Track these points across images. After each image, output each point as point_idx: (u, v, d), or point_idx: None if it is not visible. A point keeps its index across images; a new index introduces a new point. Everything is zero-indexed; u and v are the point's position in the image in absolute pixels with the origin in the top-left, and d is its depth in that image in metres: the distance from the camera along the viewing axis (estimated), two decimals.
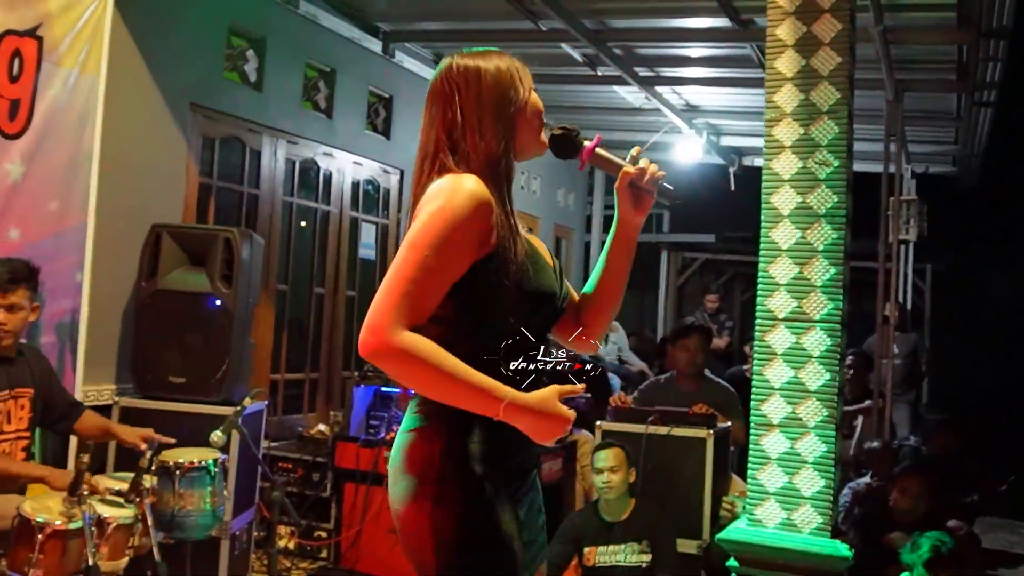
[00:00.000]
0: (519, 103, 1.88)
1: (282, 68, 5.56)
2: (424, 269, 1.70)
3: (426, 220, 1.73)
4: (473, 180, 1.77)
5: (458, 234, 1.72)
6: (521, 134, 1.90)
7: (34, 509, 2.90)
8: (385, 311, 1.67)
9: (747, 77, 6.38)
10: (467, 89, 1.86)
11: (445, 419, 1.77)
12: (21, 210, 3.84)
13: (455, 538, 1.73)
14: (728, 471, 4.52)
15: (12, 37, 3.74)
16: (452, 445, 1.76)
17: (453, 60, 1.91)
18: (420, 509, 1.75)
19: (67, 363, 4.12)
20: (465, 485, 1.75)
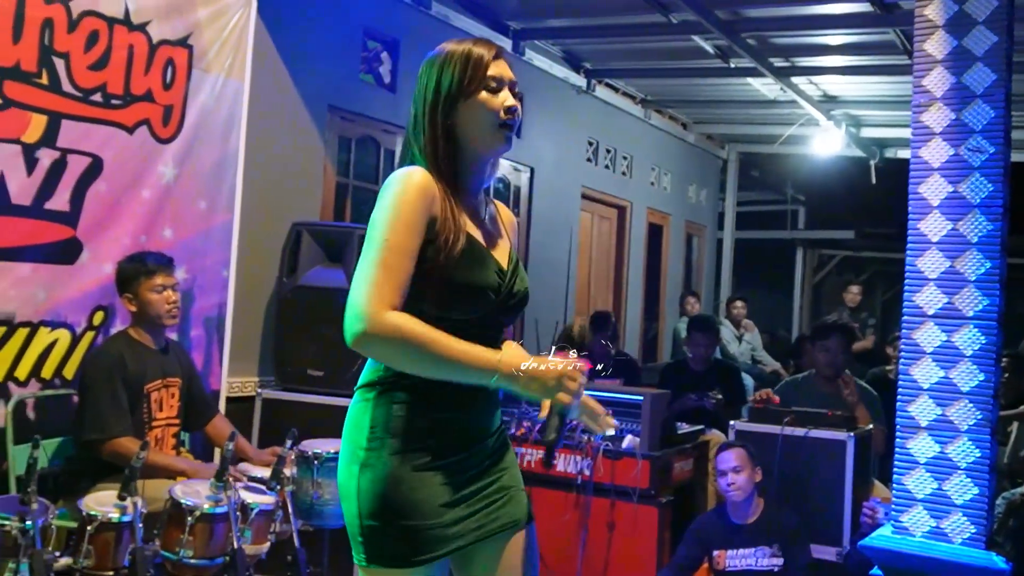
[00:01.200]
0: (454, 110, 1.88)
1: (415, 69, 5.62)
2: (388, 250, 1.74)
3: (378, 210, 1.79)
4: (419, 171, 1.83)
5: (407, 214, 1.77)
6: (465, 128, 1.89)
7: (185, 493, 3.04)
8: (366, 297, 1.71)
9: (890, 64, 6.12)
10: (418, 83, 1.94)
11: (374, 390, 1.85)
12: (173, 210, 4.04)
13: (372, 503, 1.80)
14: (870, 475, 4.34)
15: (166, 47, 3.94)
16: (379, 415, 1.83)
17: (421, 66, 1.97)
18: (349, 475, 1.84)
19: (214, 356, 4.31)
20: (388, 453, 1.81)
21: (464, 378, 1.78)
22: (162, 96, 3.94)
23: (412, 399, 1.83)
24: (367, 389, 1.87)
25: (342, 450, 1.89)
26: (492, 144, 1.92)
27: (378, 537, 1.81)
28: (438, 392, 1.82)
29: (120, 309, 3.78)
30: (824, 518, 4.01)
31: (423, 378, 1.80)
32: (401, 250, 1.75)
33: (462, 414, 1.88)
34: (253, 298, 4.61)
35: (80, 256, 3.67)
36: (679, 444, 4.53)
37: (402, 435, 1.82)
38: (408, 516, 1.81)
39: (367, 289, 1.71)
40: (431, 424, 1.84)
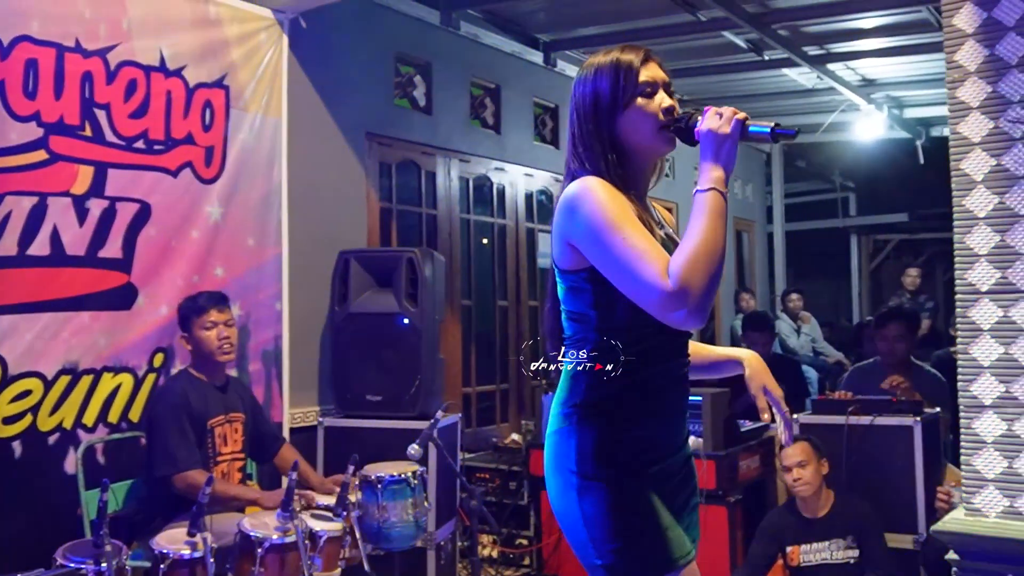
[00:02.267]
0: (614, 120, 1.89)
1: (449, 90, 5.72)
2: (629, 235, 1.75)
3: (591, 217, 1.78)
4: (593, 178, 1.84)
5: (617, 205, 1.79)
6: (628, 136, 1.90)
7: (253, 525, 3.09)
8: (646, 282, 1.71)
9: (926, 42, 6.00)
10: (574, 100, 1.94)
11: (585, 416, 1.85)
12: (223, 248, 4.13)
13: (609, 528, 1.80)
14: (941, 459, 4.25)
15: (203, 89, 4.04)
16: (595, 440, 1.83)
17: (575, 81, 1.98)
18: (568, 503, 1.84)
19: (274, 389, 4.38)
20: (611, 476, 1.82)
21: (723, 220, 1.79)
22: (202, 138, 4.03)
23: (615, 417, 1.85)
24: (567, 414, 1.88)
25: (554, 481, 1.90)
26: (656, 147, 1.93)
27: (623, 556, 1.81)
28: (639, 407, 1.85)
29: (180, 349, 3.87)
30: (897, 506, 3.93)
31: (623, 396, 1.83)
32: (636, 228, 1.77)
33: (662, 426, 1.90)
34: (307, 329, 4.68)
35: (136, 301, 3.77)
36: (743, 442, 4.49)
37: (607, 458, 1.83)
38: (645, 528, 1.82)
39: (641, 278, 1.72)
40: (636, 439, 1.85)
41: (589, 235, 1.77)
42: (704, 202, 1.78)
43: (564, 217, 1.83)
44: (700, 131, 1.83)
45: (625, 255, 1.73)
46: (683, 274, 1.68)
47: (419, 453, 3.51)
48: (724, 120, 1.81)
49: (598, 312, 1.84)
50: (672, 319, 1.72)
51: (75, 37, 3.57)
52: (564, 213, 1.83)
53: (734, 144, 1.81)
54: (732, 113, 1.81)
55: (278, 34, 4.42)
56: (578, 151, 1.91)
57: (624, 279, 1.74)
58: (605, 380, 1.83)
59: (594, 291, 1.83)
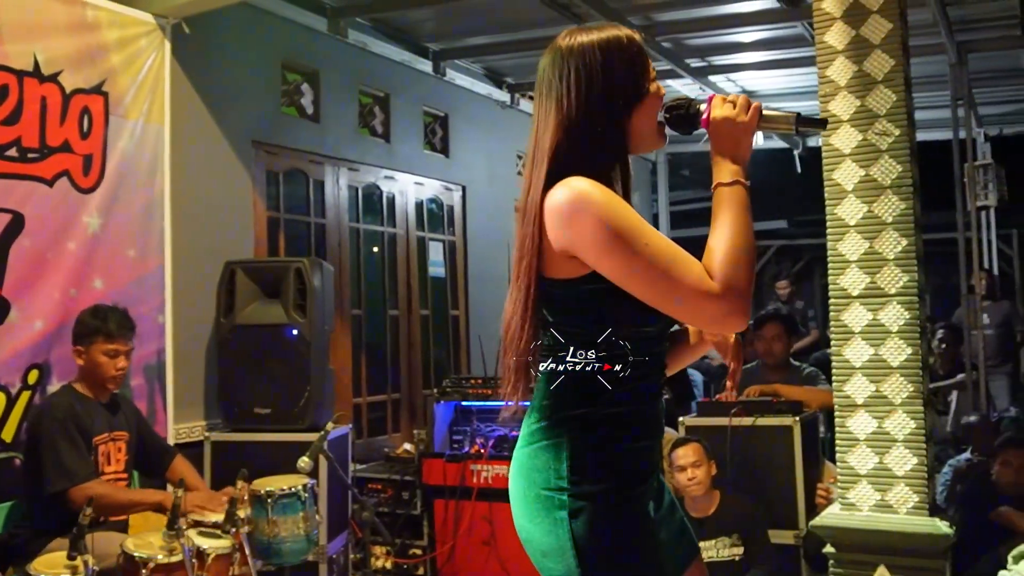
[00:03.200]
0: (631, 107, 1.71)
1: (337, 98, 5.67)
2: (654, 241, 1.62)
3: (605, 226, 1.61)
4: (580, 180, 1.65)
5: (625, 209, 1.64)
6: (637, 127, 1.74)
7: (136, 546, 2.99)
8: (691, 289, 1.59)
9: (802, 56, 6.26)
10: (581, 73, 1.70)
11: (563, 427, 1.71)
12: (103, 260, 3.99)
13: (601, 551, 1.65)
14: (819, 457, 4.43)
15: (80, 95, 3.90)
16: (575, 452, 1.68)
17: (564, 42, 1.75)
18: (555, 523, 1.66)
19: (157, 404, 4.25)
20: (597, 492, 1.67)
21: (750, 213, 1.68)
22: (80, 146, 3.89)
23: (610, 430, 1.70)
24: (554, 426, 1.71)
25: (528, 501, 1.71)
26: (656, 139, 1.79)
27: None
28: (630, 418, 1.72)
29: (56, 366, 3.72)
30: (779, 504, 4.07)
31: (616, 406, 1.70)
32: (655, 232, 1.63)
33: (650, 438, 1.78)
34: (192, 342, 4.56)
35: (8, 315, 3.60)
36: None
37: (609, 468, 1.68)
38: (641, 551, 1.69)
39: (677, 284, 1.59)
40: (630, 452, 1.72)
41: (603, 243, 1.60)
42: (730, 197, 1.67)
43: (560, 225, 1.64)
44: (712, 120, 1.72)
45: (657, 261, 1.59)
46: (727, 274, 1.59)
47: (309, 466, 3.46)
48: (740, 108, 1.71)
49: (591, 322, 1.69)
50: (717, 322, 1.63)
51: None
52: (560, 220, 1.64)
53: (752, 133, 1.72)
54: (746, 100, 1.72)
55: (160, 39, 4.30)
56: (567, 143, 1.70)
57: (656, 286, 1.60)
58: (598, 390, 1.69)
59: (589, 301, 1.68)
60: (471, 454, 4.67)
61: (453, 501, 4.76)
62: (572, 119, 1.69)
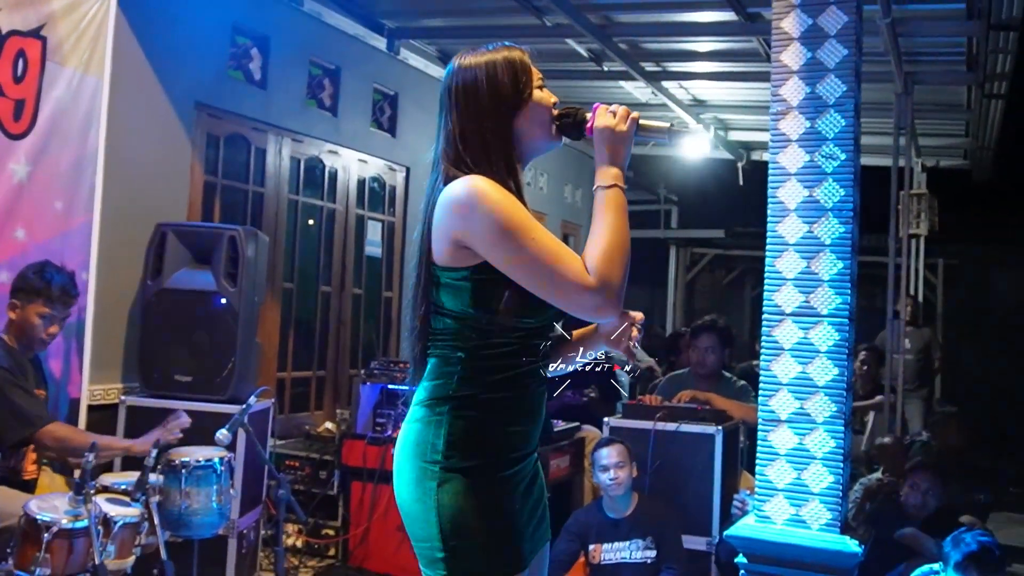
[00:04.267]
0: (516, 112, 1.89)
1: (286, 66, 5.55)
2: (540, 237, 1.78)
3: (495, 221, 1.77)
4: (479, 179, 1.82)
5: (514, 205, 1.80)
6: (525, 129, 1.91)
7: (40, 508, 2.89)
8: (569, 282, 1.76)
9: (754, 71, 6.34)
10: (461, 92, 1.90)
11: (445, 406, 1.84)
12: (27, 210, 3.84)
13: (459, 520, 1.79)
14: (738, 467, 4.50)
15: (16, 37, 3.74)
16: (465, 431, 1.83)
17: (457, 62, 1.94)
18: (423, 493, 1.81)
19: (73, 363, 4.11)
20: (466, 467, 1.81)
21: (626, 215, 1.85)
22: (12, 89, 3.74)
23: (485, 413, 1.84)
24: (435, 404, 1.85)
25: (406, 472, 1.86)
26: (548, 141, 1.95)
27: (468, 552, 1.79)
28: (509, 404, 1.86)
29: None
30: (695, 510, 4.14)
31: (494, 391, 1.84)
32: (542, 228, 1.79)
33: (527, 424, 1.90)
34: (116, 302, 4.43)
35: None
36: (556, 442, 4.59)
37: (479, 448, 1.83)
38: (498, 526, 1.82)
39: (559, 277, 1.76)
40: (505, 435, 1.86)
41: (494, 236, 1.76)
42: (609, 199, 1.84)
43: (455, 217, 1.79)
44: (595, 128, 1.89)
45: (541, 255, 1.76)
46: (602, 269, 1.76)
47: (228, 439, 3.39)
48: (619, 118, 1.88)
49: (477, 311, 1.82)
50: (591, 313, 1.79)
51: None
52: (454, 210, 1.79)
53: (631, 141, 1.89)
54: (626, 112, 1.88)
55: None
56: (460, 144, 1.87)
57: (540, 279, 1.77)
58: (480, 375, 1.84)
59: (474, 290, 1.81)
60: (393, 438, 4.62)
61: (371, 484, 4.73)
62: (462, 128, 1.88)
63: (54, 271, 3.51)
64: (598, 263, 1.76)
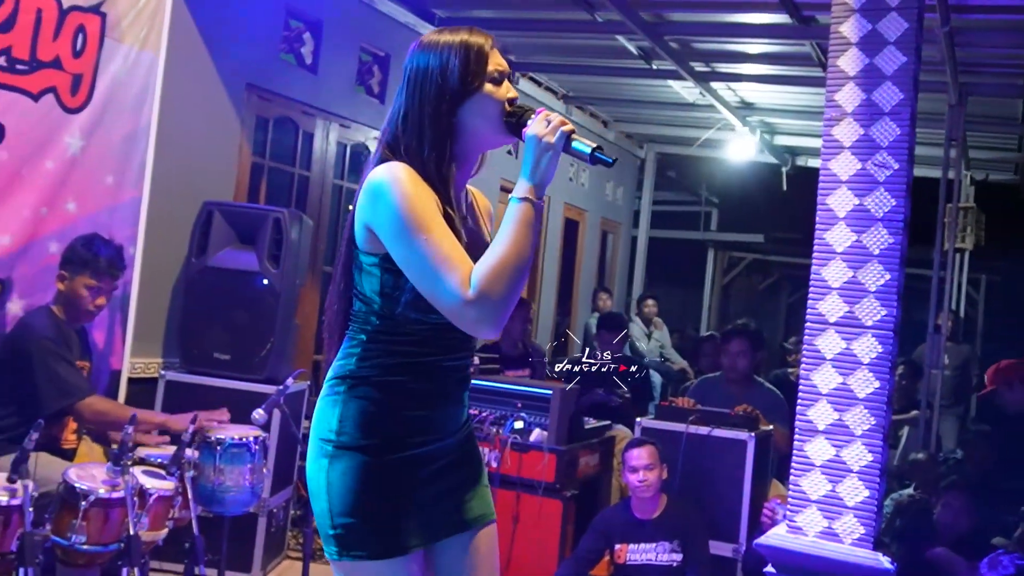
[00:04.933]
0: (463, 91, 1.81)
1: (337, 52, 5.58)
2: (434, 239, 1.72)
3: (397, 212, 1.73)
4: (402, 166, 1.78)
5: (423, 201, 1.75)
6: (470, 122, 1.84)
7: (79, 476, 2.94)
8: (446, 287, 1.70)
9: (805, 75, 6.28)
10: (409, 78, 1.85)
11: (343, 386, 1.85)
12: (79, 183, 3.90)
13: (347, 500, 1.80)
14: (769, 475, 4.47)
15: (77, 13, 3.79)
16: (360, 411, 1.83)
17: (418, 41, 1.88)
18: (318, 468, 1.83)
19: (116, 335, 4.18)
20: (365, 448, 1.81)
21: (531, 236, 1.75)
22: (71, 64, 3.79)
23: (381, 395, 1.83)
24: (336, 383, 1.86)
25: (310, 445, 1.88)
26: (496, 137, 1.88)
27: (352, 530, 1.80)
28: (406, 389, 1.84)
29: (18, 284, 3.65)
30: (723, 515, 4.11)
31: (391, 375, 1.83)
32: (442, 231, 1.73)
33: (429, 411, 1.88)
34: (160, 278, 4.48)
35: None
36: (586, 439, 4.58)
37: (371, 429, 1.82)
38: (381, 508, 1.81)
39: (441, 282, 1.70)
40: (400, 419, 1.84)
41: (392, 229, 1.74)
42: (516, 213, 1.76)
43: (368, 201, 1.77)
44: (526, 133, 1.79)
45: (428, 257, 1.71)
46: (484, 283, 1.68)
47: (263, 418, 3.43)
48: (550, 129, 1.77)
49: (382, 299, 1.81)
50: (468, 326, 1.73)
51: None
52: (368, 197, 1.77)
53: (556, 155, 1.79)
54: (560, 123, 1.78)
55: None
56: (400, 126, 1.83)
57: (424, 281, 1.73)
58: (379, 358, 1.83)
59: (382, 278, 1.81)
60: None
61: None
62: (403, 111, 1.84)
63: (102, 244, 3.56)
64: (482, 277, 1.68)
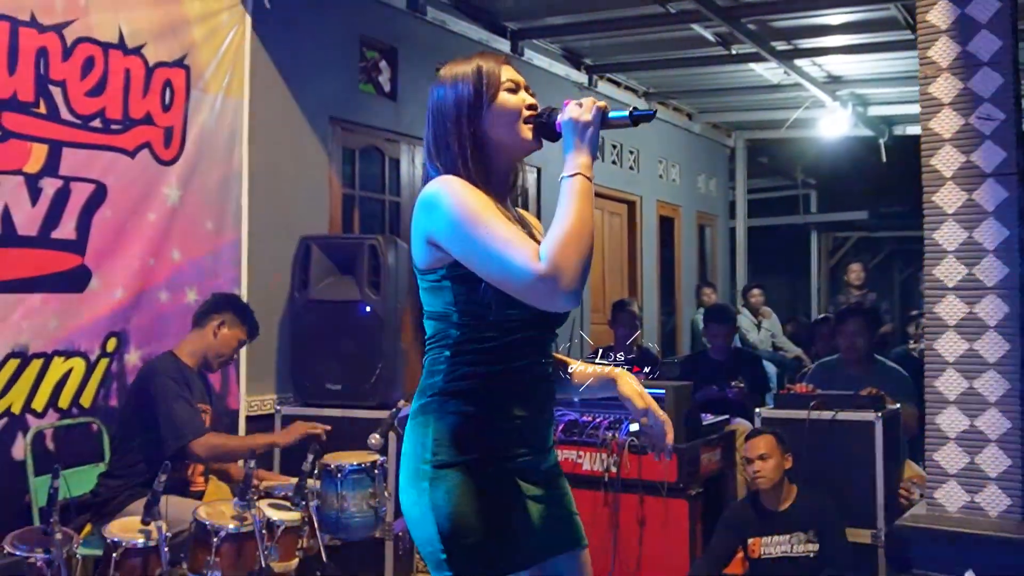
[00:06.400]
0: (479, 118, 1.90)
1: (414, 76, 5.64)
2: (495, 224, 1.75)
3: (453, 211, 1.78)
4: (447, 176, 1.85)
5: (477, 198, 1.80)
6: (492, 132, 1.90)
7: (208, 514, 3.02)
8: (517, 266, 1.71)
9: (893, 40, 6.05)
10: (432, 106, 1.95)
11: (444, 404, 1.85)
12: (181, 231, 4.03)
13: (455, 518, 1.78)
14: (901, 455, 4.28)
15: (162, 68, 3.94)
16: (453, 427, 1.83)
17: (437, 75, 2.00)
18: (418, 493, 1.82)
19: (231, 376, 4.30)
20: (468, 465, 1.81)
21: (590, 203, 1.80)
22: (161, 118, 3.93)
23: (472, 407, 1.84)
24: (425, 403, 1.88)
25: (403, 470, 1.88)
26: (520, 143, 1.93)
27: (466, 550, 1.79)
28: (496, 399, 1.85)
29: (134, 335, 3.79)
30: (857, 501, 3.95)
31: (479, 385, 1.84)
32: (500, 218, 1.77)
33: (520, 422, 1.88)
34: (266, 315, 4.58)
35: (90, 283, 3.67)
36: (705, 435, 4.48)
37: (468, 443, 1.83)
38: (492, 524, 1.81)
39: (510, 263, 1.71)
40: (495, 431, 1.85)
41: (452, 229, 1.77)
42: (571, 187, 1.79)
43: (423, 215, 1.82)
44: (561, 121, 1.87)
45: (492, 243, 1.74)
46: (555, 255, 1.69)
47: (380, 443, 3.45)
48: (585, 108, 1.85)
49: (458, 309, 1.83)
50: (544, 300, 1.72)
51: (30, 11, 3.45)
52: (423, 211, 1.82)
53: (596, 130, 1.85)
54: (592, 102, 1.86)
55: (241, 14, 4.32)
56: (435, 153, 1.92)
57: (493, 266, 1.74)
58: (465, 372, 1.84)
59: (454, 288, 1.83)
60: None
61: None
62: (432, 138, 1.94)
63: (251, 310, 3.81)
64: (551, 249, 1.70)
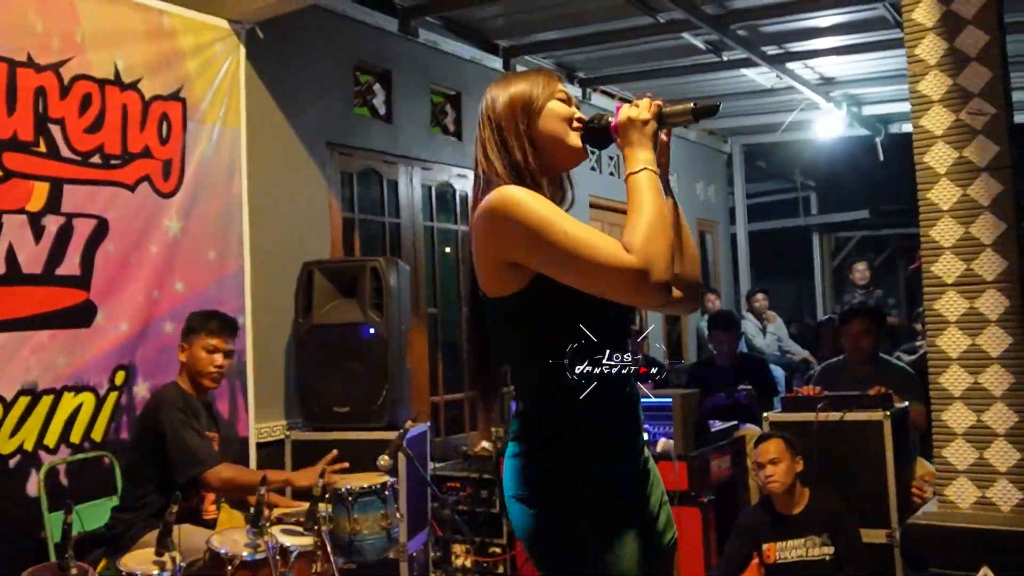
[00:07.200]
0: (532, 118, 1.88)
1: (409, 97, 5.68)
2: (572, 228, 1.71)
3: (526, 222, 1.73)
4: (503, 187, 1.80)
5: (541, 201, 1.76)
6: (544, 139, 1.89)
7: (222, 543, 3.02)
8: (609, 265, 1.67)
9: (883, 39, 6.07)
10: (485, 105, 1.94)
11: (527, 436, 1.84)
12: (183, 263, 4.06)
13: (580, 541, 1.77)
14: (912, 453, 4.27)
15: (159, 102, 3.97)
16: (537, 460, 1.82)
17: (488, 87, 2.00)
18: (537, 531, 1.81)
19: (239, 404, 4.31)
20: (570, 488, 1.79)
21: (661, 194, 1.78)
22: (160, 151, 3.96)
23: (569, 437, 1.81)
24: (521, 436, 1.86)
25: (515, 512, 1.86)
26: (570, 148, 1.90)
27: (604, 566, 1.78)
28: (591, 424, 1.81)
29: (141, 367, 3.81)
30: (870, 502, 3.94)
31: (574, 416, 1.79)
32: (572, 220, 1.74)
33: (621, 433, 1.86)
34: (272, 342, 4.61)
35: (96, 318, 3.69)
36: (714, 442, 4.48)
37: (576, 466, 1.79)
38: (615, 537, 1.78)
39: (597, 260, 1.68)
40: (590, 454, 1.81)
41: (529, 239, 1.72)
42: (641, 181, 1.78)
43: (486, 233, 1.79)
44: (618, 123, 1.85)
45: (575, 246, 1.69)
46: (643, 246, 1.67)
47: (389, 464, 3.46)
48: (643, 108, 1.84)
49: (539, 335, 1.80)
50: (642, 295, 1.69)
51: (27, 51, 3.49)
52: (484, 230, 1.78)
53: (652, 127, 1.84)
54: (649, 102, 1.85)
55: (235, 44, 4.36)
56: (490, 152, 1.89)
57: (580, 269, 1.69)
58: (556, 399, 1.81)
59: (534, 310, 1.79)
60: None
61: None
62: (483, 142, 1.91)
63: (213, 312, 3.71)
64: (637, 240, 1.67)
